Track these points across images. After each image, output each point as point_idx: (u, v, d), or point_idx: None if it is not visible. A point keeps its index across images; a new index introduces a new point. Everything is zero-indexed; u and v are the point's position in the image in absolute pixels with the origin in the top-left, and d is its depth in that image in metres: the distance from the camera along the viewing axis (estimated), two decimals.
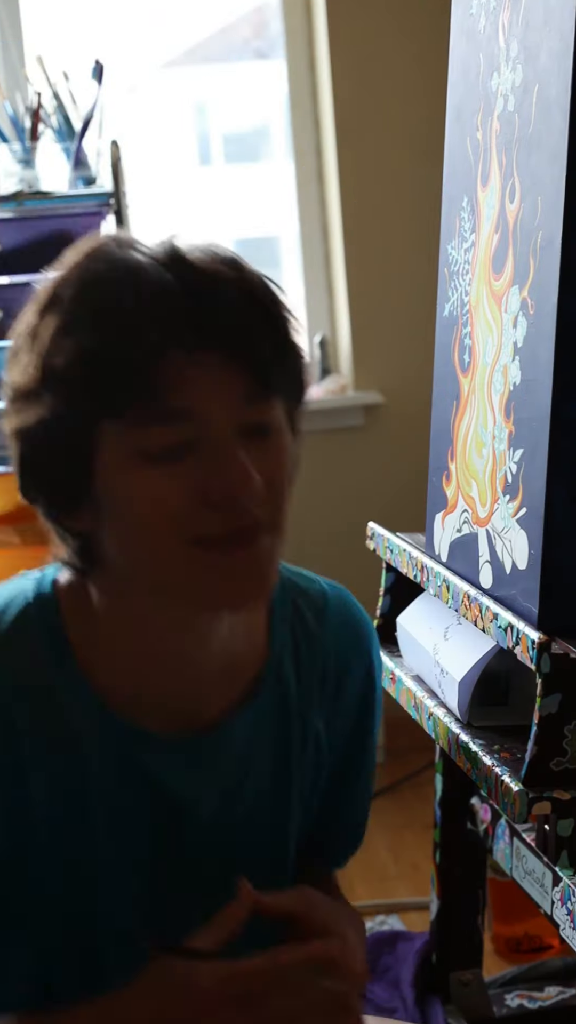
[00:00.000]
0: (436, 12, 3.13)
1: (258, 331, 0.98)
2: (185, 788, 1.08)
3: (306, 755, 1.15)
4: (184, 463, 0.96)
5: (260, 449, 0.99)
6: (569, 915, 1.23)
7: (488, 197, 1.38)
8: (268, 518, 0.99)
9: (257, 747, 1.11)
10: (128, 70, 3.34)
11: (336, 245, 3.40)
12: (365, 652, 1.19)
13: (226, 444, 0.96)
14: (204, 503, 0.96)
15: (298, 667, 1.13)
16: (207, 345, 0.95)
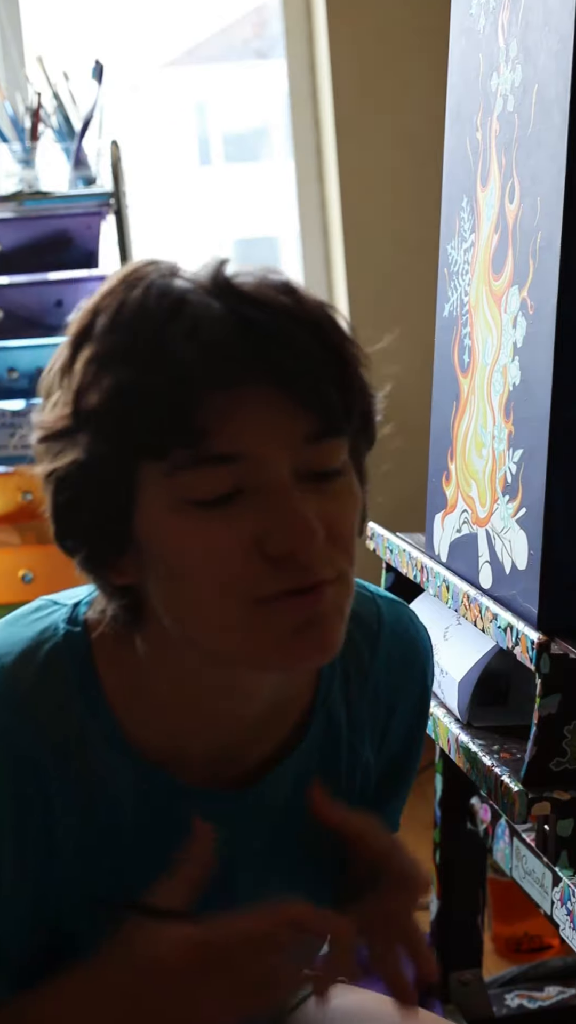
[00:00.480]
0: (436, 12, 3.13)
1: (318, 364, 0.87)
2: (225, 839, 0.97)
3: (354, 784, 1.07)
4: (236, 512, 0.86)
5: (324, 495, 0.88)
6: (569, 915, 1.23)
7: (488, 197, 1.38)
8: (334, 571, 0.89)
9: (301, 789, 1.02)
10: (128, 70, 3.34)
11: (336, 245, 3.40)
12: (419, 678, 1.10)
13: (283, 491, 0.86)
14: (261, 559, 0.86)
15: (348, 701, 1.05)
16: (259, 381, 0.85)
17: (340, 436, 0.89)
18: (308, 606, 0.88)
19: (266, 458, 0.86)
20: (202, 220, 3.47)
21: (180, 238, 3.47)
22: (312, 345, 0.87)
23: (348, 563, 0.90)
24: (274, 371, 0.86)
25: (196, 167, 3.54)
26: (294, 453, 0.87)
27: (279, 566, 0.86)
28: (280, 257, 3.58)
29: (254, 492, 0.86)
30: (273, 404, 0.86)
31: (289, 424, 0.86)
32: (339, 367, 0.89)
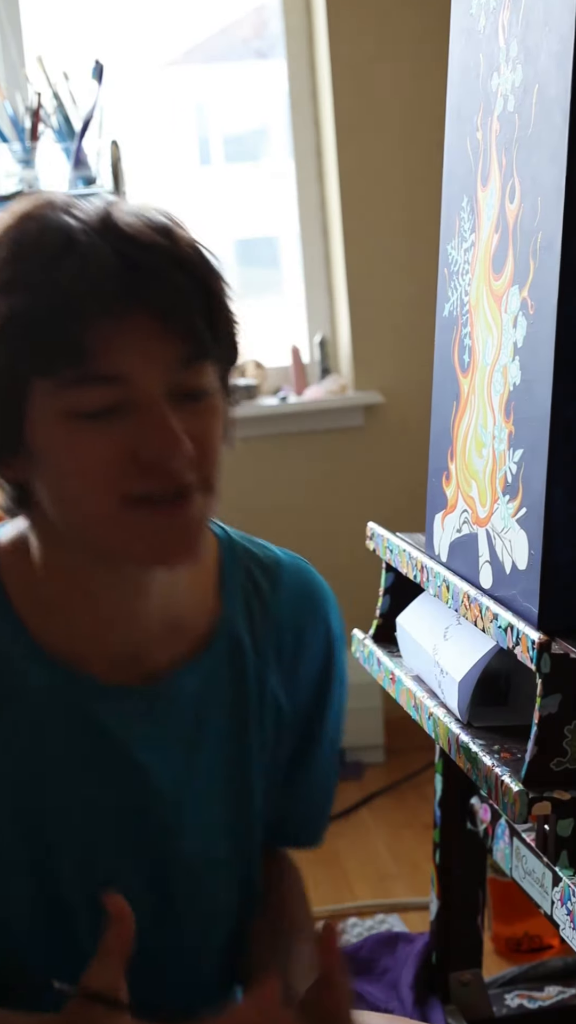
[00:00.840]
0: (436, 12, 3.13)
1: (188, 298, 0.99)
2: (139, 741, 1.10)
3: (265, 718, 1.16)
4: (115, 424, 0.99)
5: (192, 412, 1.01)
6: (569, 915, 1.23)
7: (488, 197, 1.38)
8: (199, 479, 1.01)
9: (212, 705, 1.13)
10: (128, 70, 3.34)
11: (336, 245, 3.40)
12: (323, 619, 1.20)
13: (155, 407, 0.99)
14: (134, 464, 0.99)
15: (252, 629, 1.16)
16: (136, 312, 0.97)
17: (207, 360, 1.02)
18: (175, 511, 1.00)
19: (142, 379, 0.98)
20: (202, 220, 3.47)
21: None
22: (183, 281, 0.99)
23: (213, 472, 1.03)
24: (150, 304, 0.98)
25: (196, 167, 3.54)
26: (167, 375, 0.99)
27: (149, 472, 0.99)
28: (280, 257, 3.59)
29: (131, 408, 0.98)
30: (149, 332, 0.98)
31: (163, 350, 0.99)
32: (207, 301, 1.01)
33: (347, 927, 2.51)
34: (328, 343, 3.49)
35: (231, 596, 1.15)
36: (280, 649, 1.18)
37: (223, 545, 1.18)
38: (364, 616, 1.76)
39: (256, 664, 1.15)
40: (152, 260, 0.98)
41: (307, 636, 1.19)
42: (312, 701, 1.21)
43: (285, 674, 1.18)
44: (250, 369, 3.43)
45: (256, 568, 1.18)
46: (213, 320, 1.02)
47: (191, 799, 1.13)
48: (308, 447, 3.41)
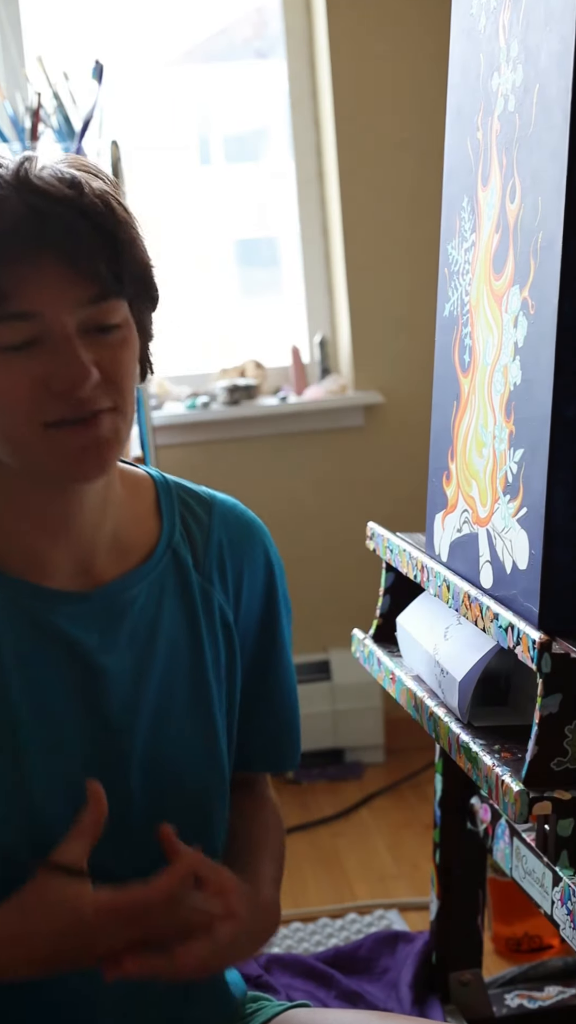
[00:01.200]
0: (436, 12, 3.13)
1: (91, 243, 1.10)
2: (95, 644, 1.20)
3: (217, 633, 1.28)
4: (32, 357, 1.10)
5: (103, 344, 1.13)
6: (569, 915, 1.23)
7: (488, 197, 1.38)
8: (110, 404, 1.13)
9: (162, 615, 1.24)
10: (128, 70, 3.34)
11: (336, 245, 3.40)
12: (259, 543, 1.33)
13: (65, 342, 1.10)
14: (47, 392, 1.11)
15: (193, 549, 1.28)
16: (45, 256, 1.09)
17: (115, 299, 1.13)
18: (88, 432, 1.12)
19: (53, 315, 1.10)
20: (202, 220, 3.47)
21: (180, 238, 3.47)
22: (87, 229, 1.10)
23: (122, 398, 1.15)
24: (57, 249, 1.09)
25: (196, 167, 3.53)
26: (77, 312, 1.11)
27: (61, 399, 1.11)
28: (280, 257, 3.58)
29: (45, 342, 1.10)
30: (58, 275, 1.10)
31: (72, 290, 1.10)
32: (111, 245, 1.12)
33: (346, 924, 2.51)
34: (328, 343, 3.48)
35: (169, 520, 1.29)
36: (222, 570, 1.30)
37: (158, 482, 1.31)
38: (364, 616, 1.76)
39: (200, 581, 1.28)
40: (58, 210, 1.09)
41: (246, 557, 1.32)
42: (261, 623, 1.33)
43: (229, 593, 1.30)
44: (250, 369, 3.43)
45: (190, 499, 1.31)
46: (119, 263, 1.13)
47: (149, 703, 1.23)
48: (308, 447, 3.41)
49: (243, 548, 1.32)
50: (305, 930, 2.48)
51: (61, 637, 1.19)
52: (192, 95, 3.44)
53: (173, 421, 3.30)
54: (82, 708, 1.20)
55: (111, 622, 1.22)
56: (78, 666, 1.20)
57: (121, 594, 1.23)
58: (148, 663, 1.23)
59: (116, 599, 1.22)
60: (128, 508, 1.26)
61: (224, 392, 3.34)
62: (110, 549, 1.24)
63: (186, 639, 1.26)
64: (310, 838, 2.93)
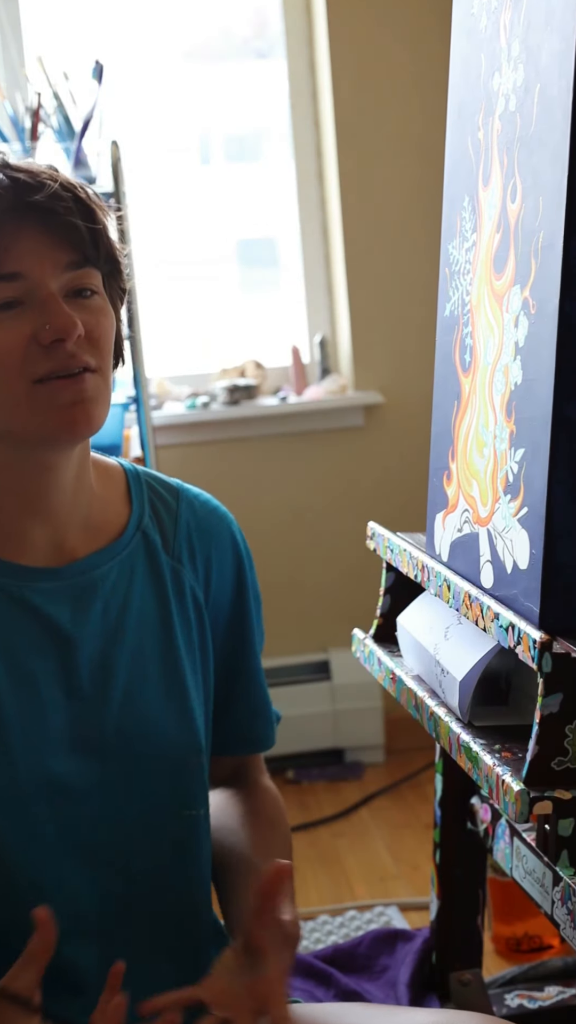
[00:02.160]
0: (437, 12, 3.14)
1: (70, 212, 1.21)
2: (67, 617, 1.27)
3: (186, 608, 1.34)
4: (19, 316, 1.19)
5: (82, 307, 1.22)
6: (569, 915, 1.23)
7: (489, 197, 1.38)
8: (94, 363, 1.21)
9: (133, 593, 1.31)
10: (128, 70, 3.34)
11: (336, 245, 3.40)
12: (227, 528, 1.40)
13: (51, 298, 1.19)
14: (38, 344, 1.18)
15: (162, 532, 1.35)
16: (29, 222, 1.19)
17: (92, 267, 1.23)
18: (75, 387, 1.20)
19: (39, 276, 1.19)
20: (202, 220, 3.47)
21: (180, 238, 3.47)
22: (68, 200, 1.21)
23: (103, 360, 1.23)
24: (41, 215, 1.19)
25: (196, 167, 3.53)
26: (59, 275, 1.20)
27: (50, 352, 1.19)
28: (280, 257, 3.58)
29: (31, 302, 1.19)
30: (41, 240, 1.20)
31: (54, 253, 1.20)
32: (88, 216, 1.22)
33: (346, 921, 2.51)
34: (328, 343, 3.49)
35: (139, 504, 1.35)
36: (191, 552, 1.36)
37: (128, 471, 1.38)
38: (364, 616, 1.76)
39: (170, 563, 1.34)
40: (39, 182, 1.20)
41: (214, 541, 1.38)
42: (231, 606, 1.39)
43: (199, 575, 1.36)
44: (250, 369, 3.43)
45: (159, 486, 1.38)
46: (96, 234, 1.23)
47: (121, 674, 1.28)
48: (308, 447, 3.41)
49: (211, 533, 1.39)
50: (304, 928, 2.48)
51: (35, 611, 1.26)
52: (192, 95, 3.44)
53: (173, 421, 3.30)
54: (57, 678, 1.26)
55: (82, 597, 1.28)
56: (53, 640, 1.26)
57: (92, 571, 1.29)
58: (119, 636, 1.29)
59: (87, 575, 1.29)
60: (100, 492, 1.33)
61: (224, 392, 3.34)
62: (82, 528, 1.30)
63: (156, 615, 1.32)
64: (310, 838, 2.93)
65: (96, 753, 1.26)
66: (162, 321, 3.43)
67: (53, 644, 1.26)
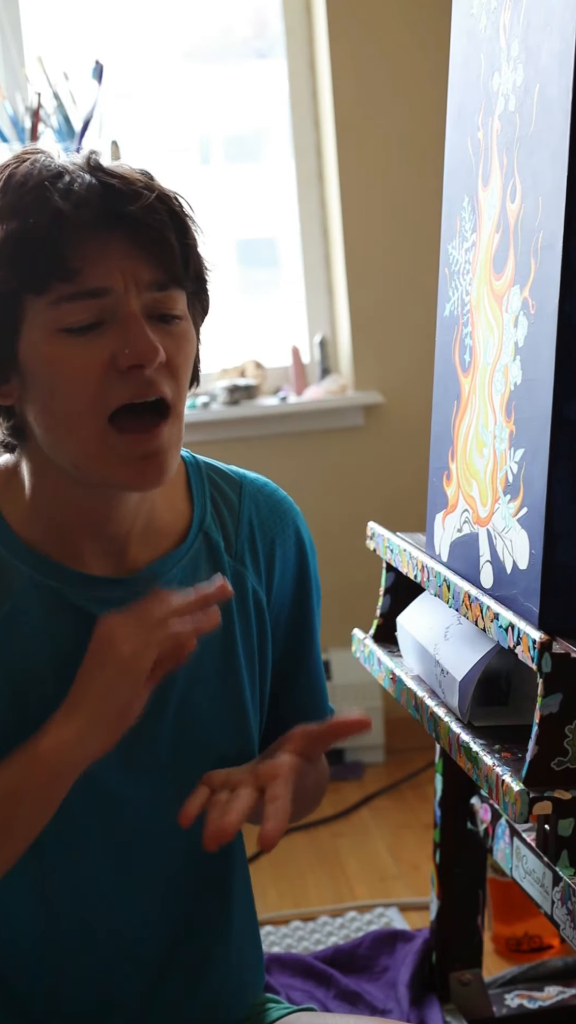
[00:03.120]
0: (436, 12, 3.13)
1: (165, 227, 1.11)
2: None
3: (247, 612, 1.28)
4: (99, 337, 1.10)
5: (165, 333, 1.13)
6: (569, 915, 1.23)
7: (489, 197, 1.38)
8: (171, 395, 1.13)
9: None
10: (128, 70, 3.34)
11: (336, 245, 3.40)
12: (291, 524, 1.34)
13: (133, 319, 1.10)
14: (115, 371, 1.10)
15: (224, 532, 1.28)
16: (117, 233, 1.09)
17: (179, 287, 1.14)
18: (149, 441, 1.12)
19: (123, 294, 1.10)
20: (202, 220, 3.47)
21: None
22: (160, 209, 1.12)
23: (180, 393, 1.15)
24: (130, 226, 1.10)
25: (196, 167, 3.53)
26: (142, 293, 1.11)
27: (127, 378, 1.10)
28: (280, 257, 3.58)
29: (112, 322, 1.10)
30: (130, 253, 1.10)
31: (142, 271, 1.11)
32: (180, 231, 1.14)
33: (346, 922, 2.51)
34: (328, 343, 3.48)
35: (200, 503, 1.28)
36: (253, 551, 1.30)
37: (188, 464, 1.31)
38: (364, 616, 1.76)
39: (232, 565, 1.28)
40: (132, 189, 1.11)
41: (278, 539, 1.32)
42: (293, 603, 1.34)
43: (261, 574, 1.30)
44: (250, 369, 3.43)
45: (220, 480, 1.31)
46: (184, 248, 1.14)
47: (179, 687, 1.23)
48: (308, 447, 3.41)
49: (274, 529, 1.32)
50: (305, 929, 2.48)
51: (95, 622, 1.18)
52: (192, 95, 3.43)
53: None
54: None
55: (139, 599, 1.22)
56: None
57: (155, 580, 1.22)
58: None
59: (150, 585, 1.22)
60: (161, 493, 1.25)
61: (224, 392, 3.34)
62: (144, 534, 1.23)
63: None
64: (310, 838, 2.93)
65: (149, 767, 1.22)
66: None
67: None
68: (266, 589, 1.31)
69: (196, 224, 1.17)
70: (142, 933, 1.25)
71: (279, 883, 2.71)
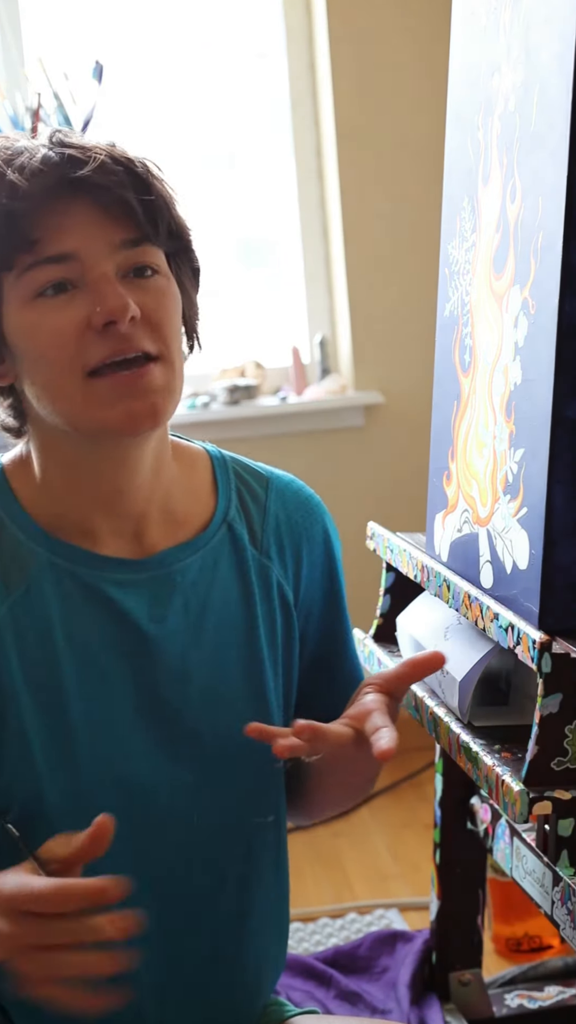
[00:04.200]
0: (437, 11, 3.13)
1: (122, 187, 1.13)
2: (145, 612, 1.20)
3: (272, 607, 1.27)
4: (72, 300, 1.12)
5: (141, 288, 1.14)
6: (569, 915, 1.23)
7: (489, 197, 1.38)
8: (155, 349, 1.13)
9: (215, 589, 1.24)
10: (128, 70, 3.34)
11: (336, 245, 3.40)
12: (319, 519, 1.34)
13: (103, 278, 1.11)
14: (90, 331, 1.11)
15: (250, 526, 1.28)
16: (79, 199, 1.12)
17: (149, 243, 1.15)
18: (134, 380, 1.12)
19: (90, 256, 1.12)
20: (202, 220, 3.47)
21: None
22: (121, 173, 1.13)
23: (167, 346, 1.14)
24: (88, 190, 1.12)
25: (196, 167, 3.53)
26: (113, 254, 1.13)
27: (104, 336, 1.11)
28: (280, 257, 3.58)
29: (83, 284, 1.12)
30: (92, 217, 1.12)
31: (107, 231, 1.12)
32: (140, 189, 1.14)
33: (346, 923, 2.51)
34: (328, 343, 3.48)
35: (225, 495, 1.28)
36: (280, 547, 1.29)
37: (214, 457, 1.31)
38: (364, 616, 1.76)
39: (257, 558, 1.27)
40: (88, 155, 1.13)
41: (305, 535, 1.32)
42: (325, 598, 1.33)
43: (288, 570, 1.29)
44: (250, 369, 3.43)
45: (247, 475, 1.31)
46: (154, 209, 1.14)
47: (200, 675, 1.22)
48: (308, 447, 3.41)
49: (302, 525, 1.32)
50: (305, 930, 2.48)
51: (111, 604, 1.20)
52: (192, 95, 3.43)
53: (173, 421, 3.29)
54: (131, 676, 1.20)
55: (161, 592, 1.22)
56: (128, 635, 1.20)
57: (172, 565, 1.22)
58: (198, 635, 1.23)
59: (166, 569, 1.22)
60: (183, 482, 1.26)
61: (224, 392, 3.34)
62: (162, 521, 1.23)
63: (240, 613, 1.26)
64: (310, 838, 2.93)
65: (170, 755, 1.21)
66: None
67: (129, 641, 1.20)
68: (293, 585, 1.30)
69: (166, 184, 1.18)
70: (160, 916, 1.22)
71: None
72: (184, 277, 1.20)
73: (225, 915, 1.28)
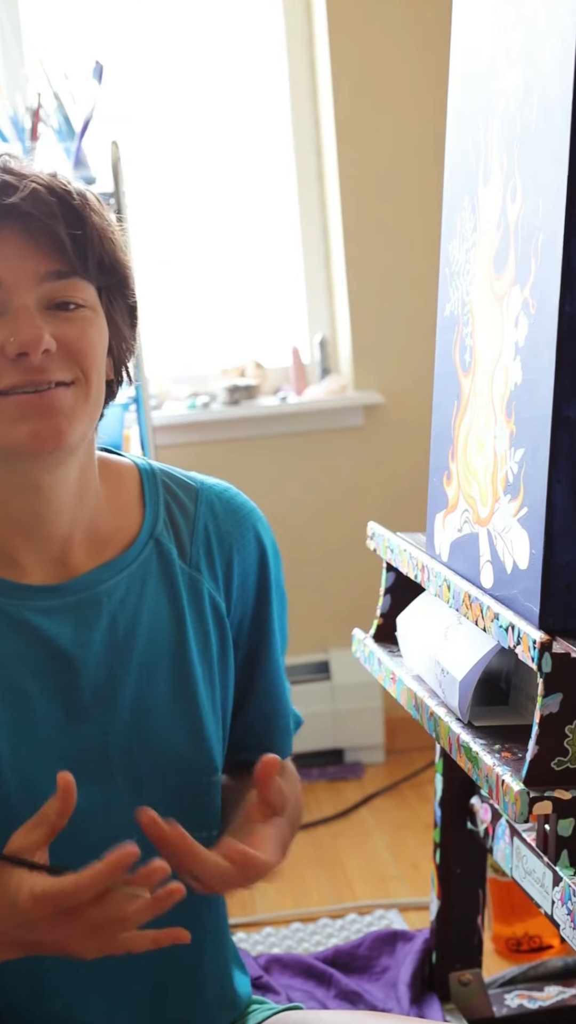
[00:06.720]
0: (437, 12, 3.14)
1: (52, 218, 1.13)
2: (69, 637, 1.19)
3: (205, 620, 1.26)
4: None
5: (65, 320, 1.15)
6: (569, 915, 1.23)
7: (489, 197, 1.38)
8: (70, 376, 1.15)
9: (143, 608, 1.23)
10: (128, 70, 3.34)
11: (336, 245, 3.40)
12: (251, 529, 1.31)
13: (23, 309, 1.13)
14: (6, 358, 1.12)
15: (178, 540, 1.27)
16: (12, 227, 1.13)
17: (78, 278, 1.16)
18: (39, 401, 1.13)
19: (12, 285, 1.13)
20: (202, 220, 3.47)
21: (180, 238, 3.46)
22: (53, 204, 1.14)
23: (83, 373, 1.16)
24: (19, 218, 1.13)
25: (196, 167, 3.53)
26: (37, 285, 1.14)
27: (16, 365, 1.12)
28: (280, 257, 3.58)
29: (4, 313, 1.13)
30: (20, 247, 1.13)
31: (33, 262, 1.14)
32: (72, 223, 1.14)
33: (346, 924, 2.51)
34: (328, 343, 3.48)
35: (152, 510, 1.27)
36: (210, 558, 1.28)
37: (143, 471, 1.30)
38: (364, 616, 1.76)
39: (187, 572, 1.27)
40: (23, 183, 1.13)
41: (236, 545, 1.30)
42: (254, 611, 1.31)
43: (219, 582, 1.28)
44: (250, 369, 3.43)
45: (176, 487, 1.30)
46: (85, 243, 1.15)
47: (127, 695, 1.21)
48: (308, 447, 3.41)
49: (232, 535, 1.30)
50: (305, 930, 2.48)
51: (35, 632, 1.19)
52: (192, 95, 3.43)
53: (173, 421, 3.30)
54: (59, 701, 1.19)
55: (86, 615, 1.21)
56: (52, 661, 1.19)
57: (96, 586, 1.22)
58: (127, 653, 1.22)
59: (91, 591, 1.21)
60: (109, 500, 1.25)
61: (224, 392, 3.34)
62: (87, 542, 1.23)
63: (170, 630, 1.24)
64: (310, 838, 2.93)
65: (100, 775, 1.20)
66: (162, 321, 3.43)
67: (52, 665, 1.19)
68: (225, 596, 1.29)
69: (104, 218, 1.18)
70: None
71: (279, 882, 2.71)
72: (116, 313, 1.21)
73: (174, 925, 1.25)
